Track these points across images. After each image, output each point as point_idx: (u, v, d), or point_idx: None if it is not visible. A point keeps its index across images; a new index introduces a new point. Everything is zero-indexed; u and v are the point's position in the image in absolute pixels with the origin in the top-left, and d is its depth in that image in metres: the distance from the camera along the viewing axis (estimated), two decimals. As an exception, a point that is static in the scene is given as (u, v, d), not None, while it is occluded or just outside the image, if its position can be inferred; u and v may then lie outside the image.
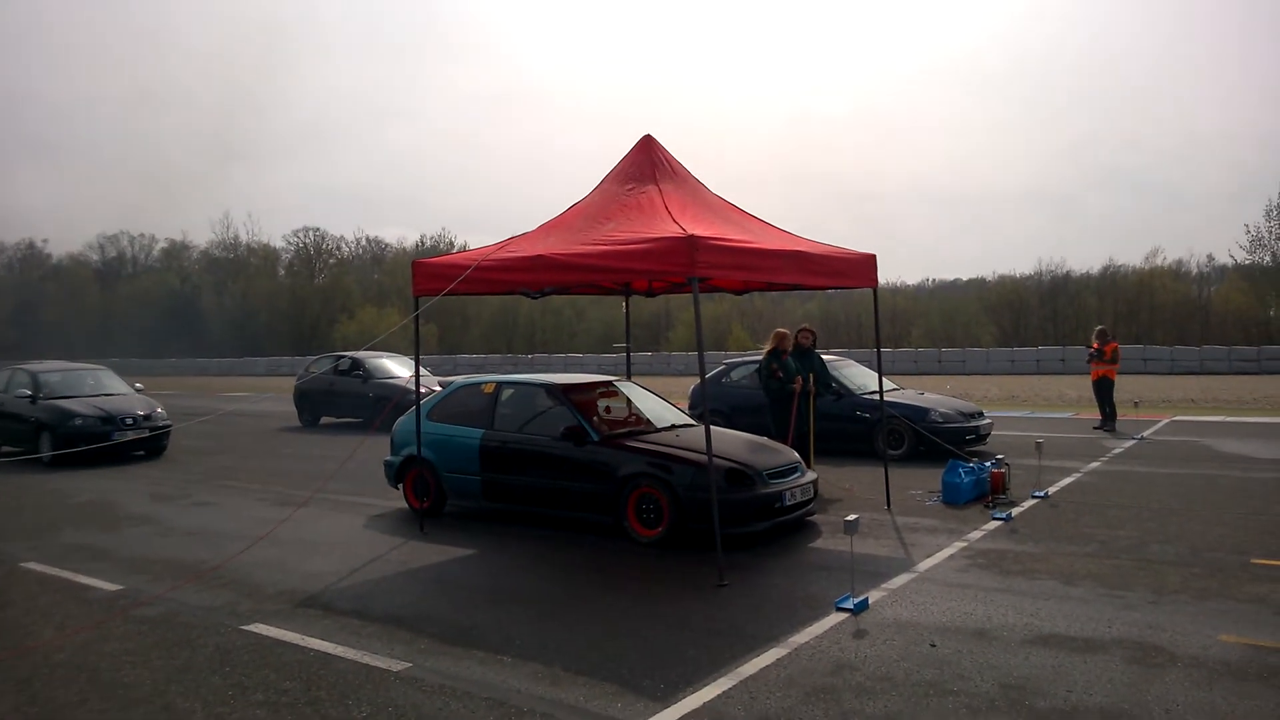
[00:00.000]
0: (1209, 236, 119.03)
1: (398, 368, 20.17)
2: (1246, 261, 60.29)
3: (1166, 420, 18.60)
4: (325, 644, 5.73)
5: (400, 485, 10.02)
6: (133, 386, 16.80)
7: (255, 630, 6.05)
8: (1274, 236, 57.54)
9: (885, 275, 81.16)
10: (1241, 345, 46.62)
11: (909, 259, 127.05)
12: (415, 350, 9.48)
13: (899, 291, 75.91)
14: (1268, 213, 58.15)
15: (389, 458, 10.18)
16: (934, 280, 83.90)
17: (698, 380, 15.37)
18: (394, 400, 16.13)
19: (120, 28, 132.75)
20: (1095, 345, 16.88)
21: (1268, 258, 58.29)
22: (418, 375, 9.50)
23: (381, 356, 20.95)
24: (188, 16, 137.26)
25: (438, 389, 11.11)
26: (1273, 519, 8.82)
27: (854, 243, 9.66)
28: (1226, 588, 6.55)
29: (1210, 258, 68.33)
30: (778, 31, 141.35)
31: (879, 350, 10.63)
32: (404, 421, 10.12)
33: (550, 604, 6.65)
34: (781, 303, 66.16)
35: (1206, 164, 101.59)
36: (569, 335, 74.68)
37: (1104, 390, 16.82)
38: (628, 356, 12.10)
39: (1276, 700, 4.55)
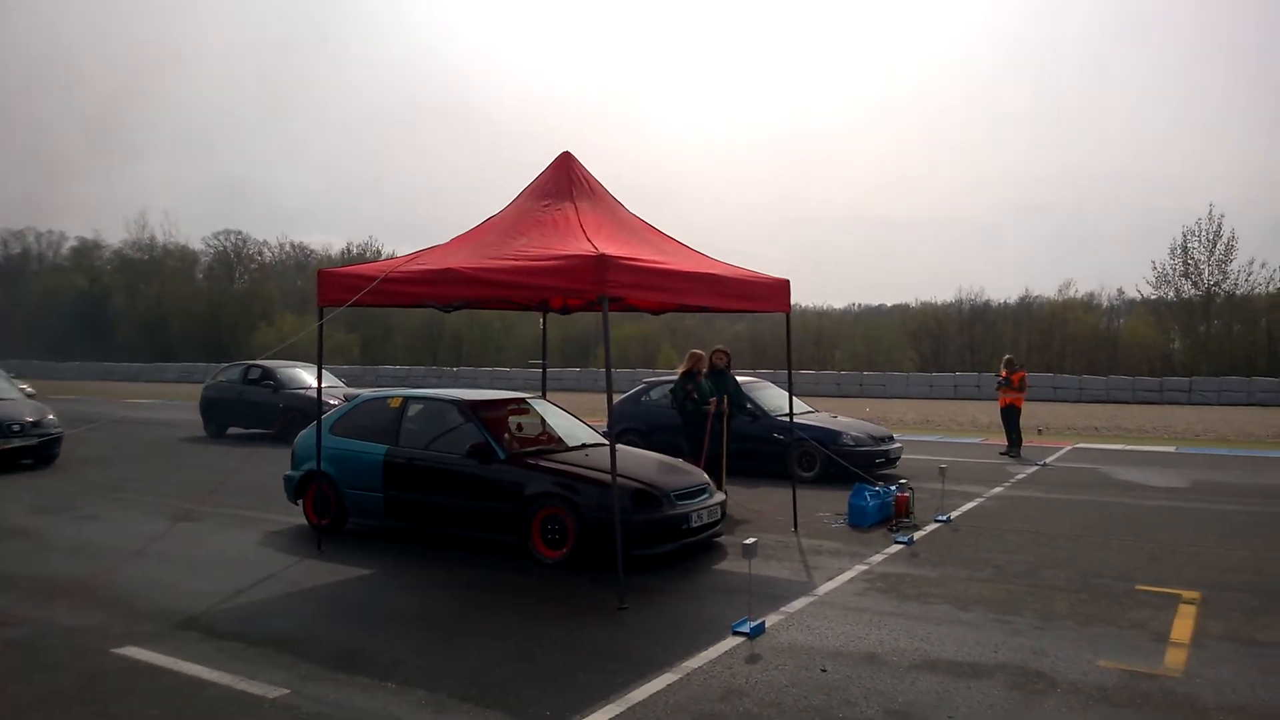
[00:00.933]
0: (1119, 271, 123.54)
1: (310, 377, 19.66)
2: (1152, 296, 62.60)
3: (1069, 447, 19.14)
4: (200, 669, 5.50)
5: (300, 501, 9.76)
6: (21, 390, 16.03)
7: (126, 654, 5.77)
8: (1178, 273, 59.84)
9: (813, 298, 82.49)
10: (1145, 376, 48.39)
11: (837, 283, 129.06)
12: (318, 362, 9.25)
13: (825, 315, 77.16)
14: (1172, 250, 60.46)
15: (289, 472, 9.91)
16: (859, 305, 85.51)
17: (620, 398, 15.40)
18: (292, 410, 15.71)
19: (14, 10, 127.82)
20: (1004, 373, 17.30)
21: (1171, 293, 60.59)
22: (319, 387, 9.26)
23: (294, 366, 20.43)
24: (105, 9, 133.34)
25: (341, 401, 10.87)
26: (1159, 546, 9.10)
27: (786, 266, 9.77)
28: (1110, 613, 6.72)
29: (1120, 291, 70.88)
30: (713, 55, 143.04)
31: (790, 373, 10.71)
32: (306, 435, 9.87)
33: (444, 627, 6.52)
34: (712, 323, 66.57)
35: (1119, 202, 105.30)
36: (495, 349, 74.15)
37: (1011, 417, 17.23)
38: (543, 373, 12.00)
39: (1147, 727, 4.67)
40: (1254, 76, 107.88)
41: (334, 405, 11.62)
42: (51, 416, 15.08)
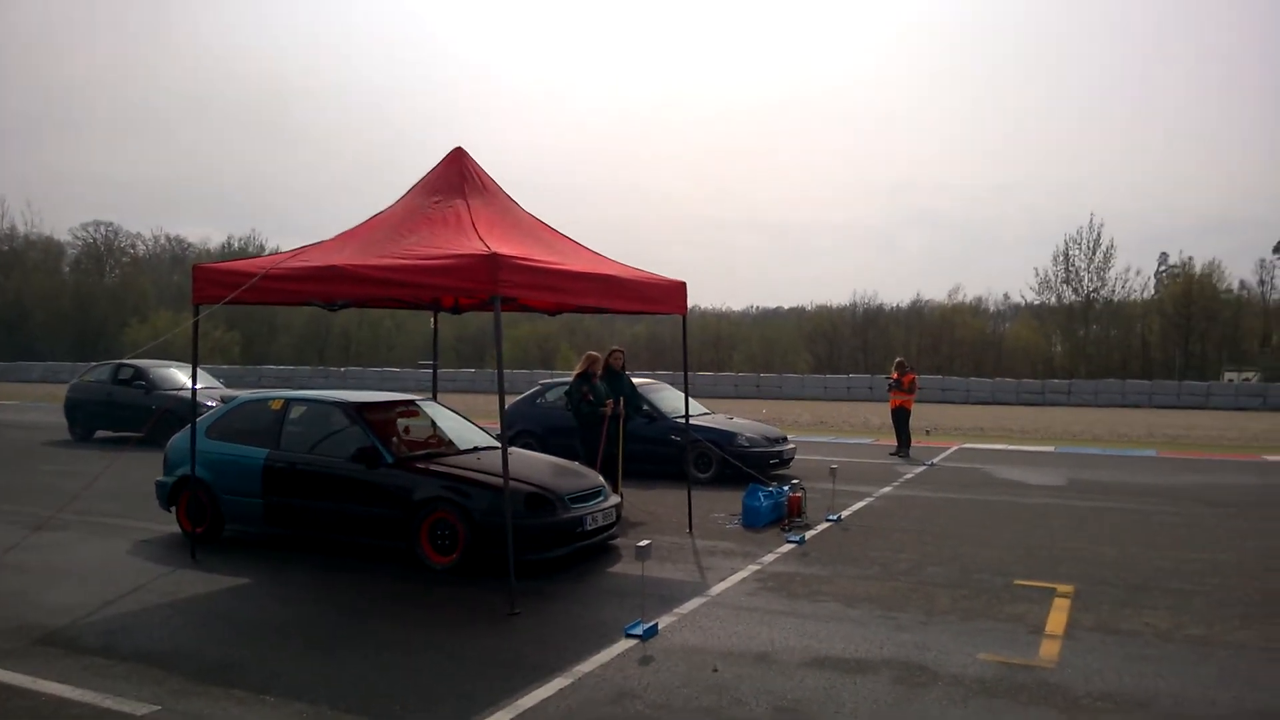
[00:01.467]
0: (1004, 277, 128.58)
1: (186, 378, 18.75)
2: (1036, 301, 65.48)
3: (956, 447, 19.75)
4: (62, 687, 5.15)
5: (173, 508, 9.29)
6: None
7: (-20, 672, 5.40)
8: (1059, 280, 62.66)
9: (711, 300, 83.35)
10: (1029, 378, 50.41)
11: (736, 286, 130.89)
12: (193, 361, 8.83)
13: (724, 317, 78.04)
14: (1054, 258, 63.44)
15: (161, 477, 9.44)
16: (758, 307, 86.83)
17: (515, 399, 15.23)
18: (161, 410, 14.97)
19: None
20: (894, 375, 17.74)
21: (1053, 299, 63.39)
22: (194, 388, 8.85)
23: (168, 365, 19.44)
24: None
25: (218, 403, 10.42)
26: (1036, 542, 9.42)
27: (688, 268, 9.78)
28: (990, 608, 6.91)
29: (1005, 296, 73.92)
30: (614, 51, 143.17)
31: (686, 374, 10.73)
32: (179, 438, 9.42)
33: (327, 637, 6.28)
34: (611, 323, 66.71)
35: (1005, 210, 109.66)
36: (387, 348, 72.75)
37: (900, 418, 17.67)
38: (434, 374, 11.78)
39: (1021, 715, 4.81)
40: (1136, 87, 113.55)
41: (211, 407, 11.15)
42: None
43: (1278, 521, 10.78)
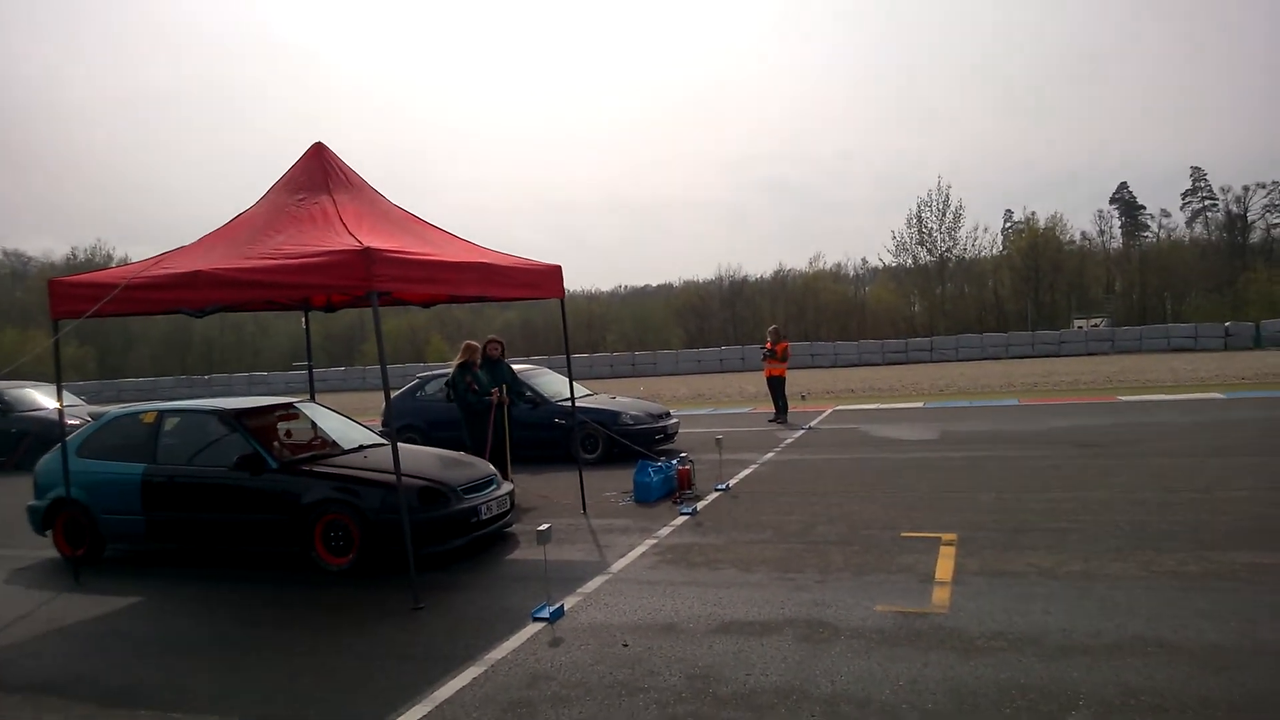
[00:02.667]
0: (860, 241, 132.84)
1: (44, 398, 17.86)
2: (893, 264, 67.82)
3: (830, 410, 20.43)
4: (-51, 727, 4.95)
5: (49, 531, 8.86)
6: None
7: None
8: (914, 241, 65.07)
9: (580, 283, 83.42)
10: (892, 339, 52.28)
11: (602, 267, 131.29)
12: (57, 379, 8.42)
13: (594, 299, 78.17)
14: (908, 220, 65.98)
15: (33, 502, 8.98)
16: (626, 286, 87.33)
17: (395, 394, 14.96)
18: (29, 436, 14.27)
19: None
20: (768, 344, 18.19)
21: (910, 260, 65.81)
22: (61, 407, 8.44)
23: (23, 385, 18.46)
24: None
25: (85, 420, 9.95)
26: (917, 495, 9.88)
27: (548, 251, 9.78)
28: (881, 561, 7.24)
29: (864, 261, 76.41)
30: (473, 43, 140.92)
31: (569, 357, 10.80)
32: (49, 460, 8.96)
33: (228, 649, 6.13)
34: (482, 312, 66.06)
35: (856, 176, 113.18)
36: (252, 353, 70.37)
37: (776, 386, 18.16)
38: (309, 375, 11.50)
39: (922, 660, 5.07)
40: (971, 54, 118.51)
41: (77, 425, 10.62)
42: None
43: (1139, 458, 11.52)
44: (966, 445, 13.55)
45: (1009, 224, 73.86)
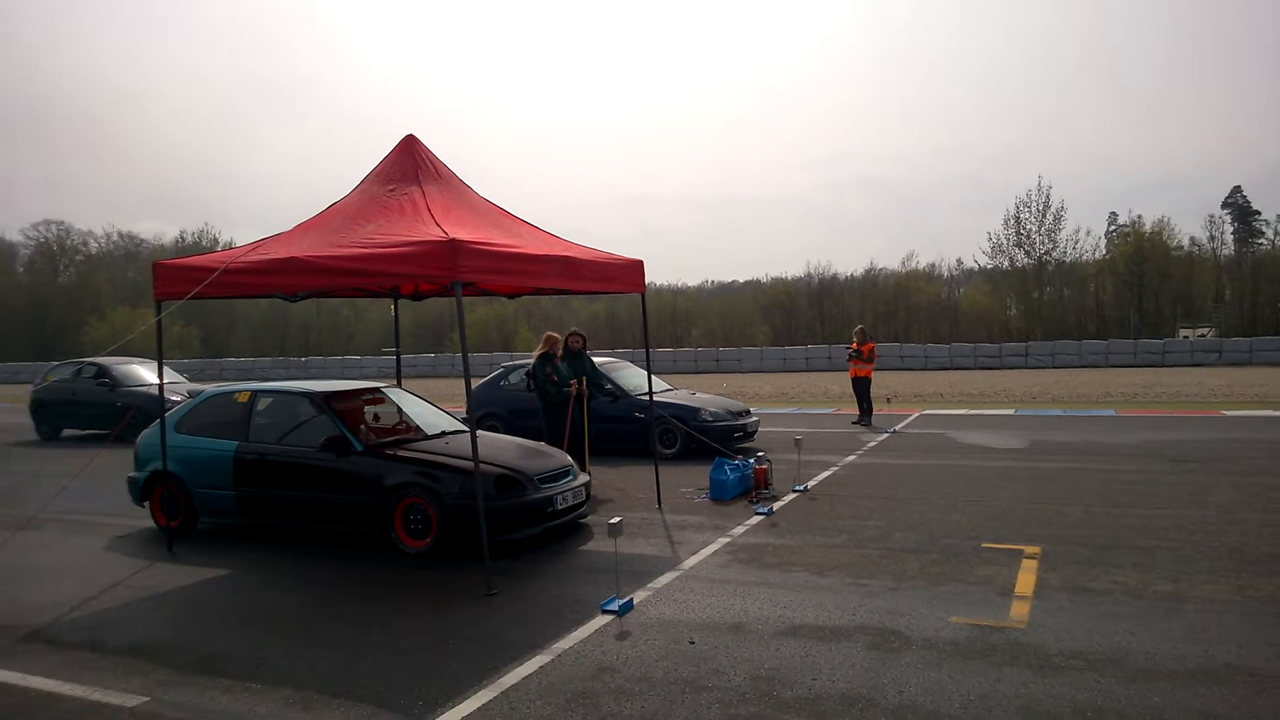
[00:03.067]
0: (954, 242, 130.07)
1: (149, 374, 18.68)
2: (989, 266, 66.11)
3: (917, 414, 20.06)
4: (50, 682, 5.20)
5: (146, 503, 9.28)
6: None
7: (-37, 674, 5.41)
8: (1011, 243, 63.31)
9: (667, 277, 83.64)
10: (985, 342, 51.09)
11: (690, 261, 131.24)
12: (158, 357, 8.79)
13: (680, 293, 78.13)
14: (1005, 222, 64.13)
15: (133, 473, 9.40)
16: (713, 282, 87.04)
17: (479, 383, 15.23)
18: (132, 409, 14.91)
19: None
20: (854, 345, 17.95)
21: (1006, 262, 64.06)
22: (161, 384, 8.81)
23: (131, 362, 19.34)
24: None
25: (184, 398, 10.36)
26: (1001, 505, 9.64)
27: (635, 245, 9.85)
28: (959, 571, 7.09)
29: (959, 262, 74.73)
30: (559, 36, 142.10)
31: (648, 352, 10.82)
32: (149, 434, 9.37)
33: (307, 624, 6.33)
34: (569, 304, 66.66)
35: (950, 176, 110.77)
36: (346, 337, 72.25)
37: (861, 387, 17.91)
38: (397, 360, 11.76)
39: (995, 675, 4.95)
40: (1075, 53, 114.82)
41: (177, 402, 11.07)
42: None
43: (1239, 476, 11.05)
44: (1057, 455, 13.17)
45: (1113, 227, 71.29)
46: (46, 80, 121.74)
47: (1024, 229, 62.88)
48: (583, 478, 9.07)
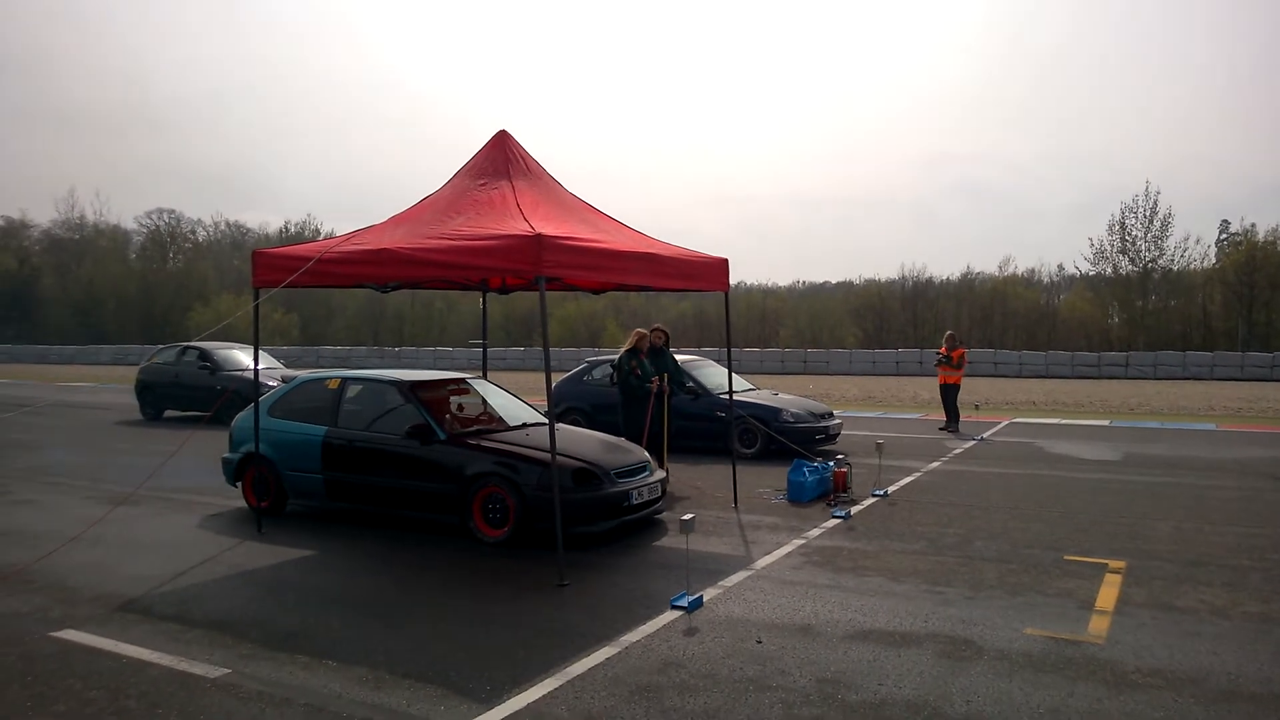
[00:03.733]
0: (1058, 248, 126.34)
1: (248, 359, 19.38)
2: (1091, 272, 63.99)
3: (1006, 422, 19.58)
4: (140, 650, 5.47)
5: (239, 484, 9.66)
6: None
7: (65, 637, 5.72)
8: (1115, 249, 61.18)
9: (757, 276, 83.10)
10: (1084, 351, 49.51)
11: (781, 260, 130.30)
12: (254, 343, 9.15)
13: (770, 293, 77.62)
14: (1110, 227, 61.91)
15: (227, 454, 9.81)
16: (804, 282, 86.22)
17: (563, 376, 15.43)
18: (228, 391, 15.50)
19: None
20: (944, 350, 17.61)
21: (1109, 269, 61.94)
22: (256, 369, 9.16)
23: (231, 347, 20.11)
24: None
25: (278, 383, 10.75)
26: (1088, 517, 9.37)
27: (726, 243, 9.86)
28: (1038, 583, 6.93)
29: (1060, 268, 72.46)
30: (650, 30, 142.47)
31: (729, 350, 10.82)
32: (243, 417, 9.75)
33: (384, 606, 6.53)
34: (657, 300, 66.81)
35: (1052, 179, 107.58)
36: (439, 329, 73.60)
37: (949, 394, 17.56)
38: (484, 353, 12.00)
39: (1068, 689, 4.84)
40: (1187, 55, 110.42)
41: (272, 387, 11.49)
42: (-20, 401, 14.74)
43: (1339, 496, 10.55)
44: (1151, 469, 12.73)
45: (1224, 235, 68.27)
46: (164, 79, 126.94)
47: (1129, 235, 60.75)
48: (659, 474, 9.12)
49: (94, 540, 8.03)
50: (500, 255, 7.25)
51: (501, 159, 8.83)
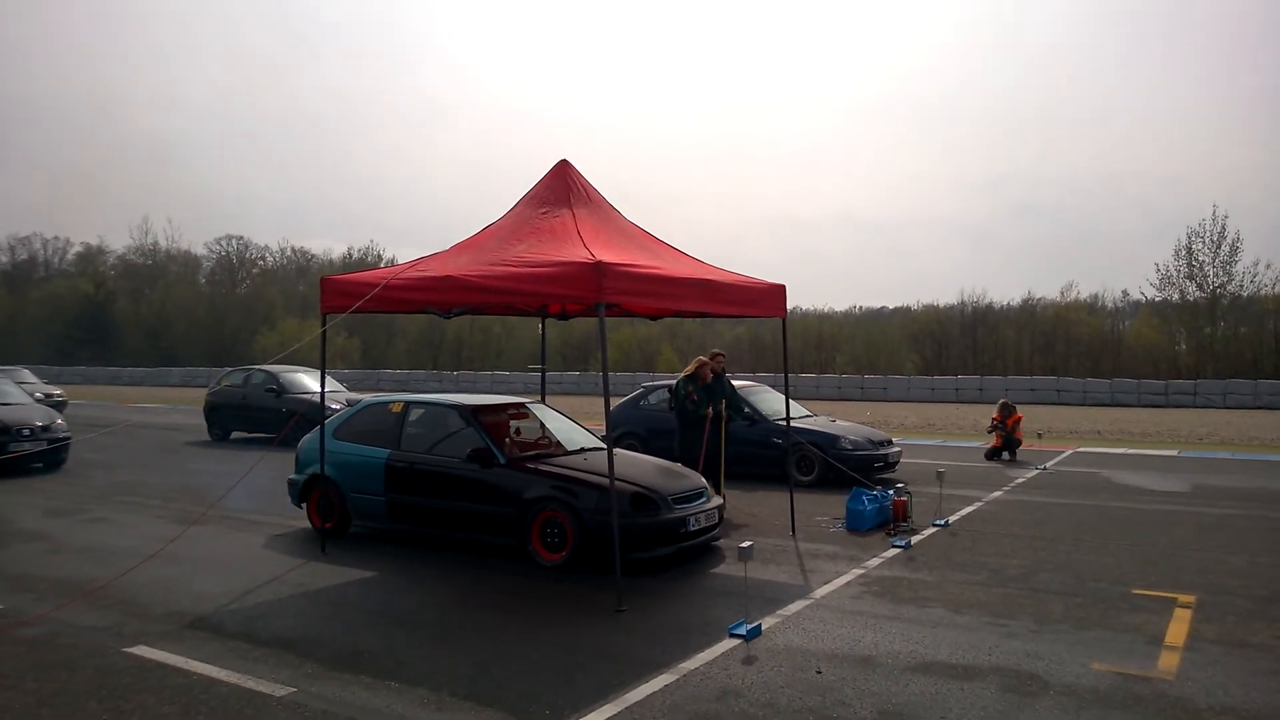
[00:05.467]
0: (1122, 273, 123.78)
1: (313, 382, 19.82)
2: (1157, 298, 62.46)
3: (1070, 451, 19.19)
4: (209, 667, 5.61)
5: (304, 505, 9.86)
6: (37, 396, 16.19)
7: (138, 652, 5.90)
8: (1182, 275, 59.70)
9: (813, 301, 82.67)
10: (1151, 379, 48.33)
11: (837, 286, 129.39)
12: (321, 367, 9.37)
13: (826, 318, 77.00)
14: (1176, 252, 60.38)
15: (293, 476, 10.03)
16: (861, 307, 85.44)
17: (619, 402, 15.50)
18: (296, 415, 15.84)
19: (26, 23, 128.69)
20: (997, 417, 17.24)
21: (1176, 295, 60.44)
22: (323, 392, 9.37)
23: (297, 370, 20.60)
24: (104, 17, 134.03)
25: (343, 406, 10.97)
26: (1157, 550, 9.15)
27: (780, 269, 9.88)
28: (1106, 617, 6.78)
29: (1125, 293, 70.79)
30: (704, 60, 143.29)
31: (786, 376, 10.78)
32: (309, 439, 9.97)
33: (446, 628, 6.62)
34: (713, 326, 66.68)
35: (1120, 202, 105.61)
36: (496, 353, 74.32)
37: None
38: (542, 378, 12.11)
39: (1136, 727, 4.74)
40: (1257, 76, 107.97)
41: (337, 410, 11.72)
42: (60, 421, 15.30)
43: None
44: (1221, 501, 12.38)
45: (1297, 260, 66.21)
46: (237, 101, 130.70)
47: (1196, 260, 59.27)
48: (717, 500, 9.12)
49: (167, 558, 8.25)
50: (561, 282, 7.36)
51: (562, 187, 8.97)
